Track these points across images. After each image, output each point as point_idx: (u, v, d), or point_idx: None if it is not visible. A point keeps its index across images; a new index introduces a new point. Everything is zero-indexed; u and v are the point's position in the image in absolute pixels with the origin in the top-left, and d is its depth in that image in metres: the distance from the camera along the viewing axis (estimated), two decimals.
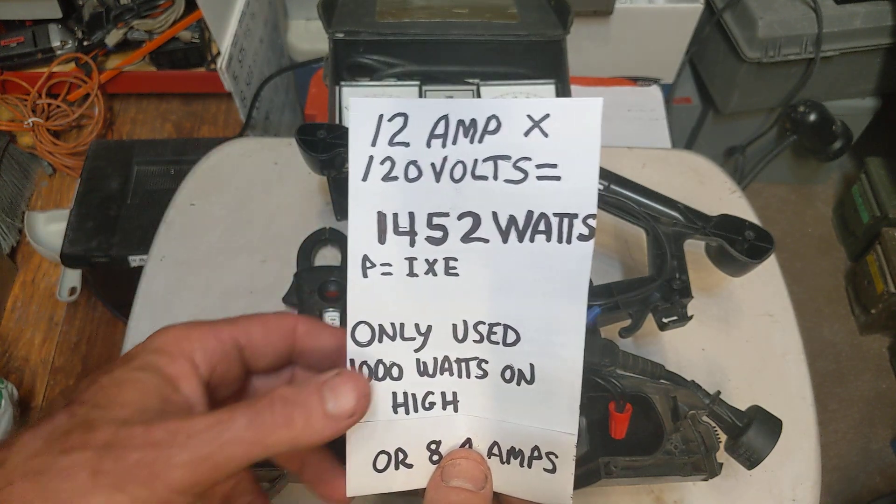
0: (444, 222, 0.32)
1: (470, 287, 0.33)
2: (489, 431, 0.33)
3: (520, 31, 0.78)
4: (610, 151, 0.86)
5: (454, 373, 0.33)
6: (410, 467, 0.33)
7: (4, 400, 0.97)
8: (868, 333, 1.64)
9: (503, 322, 0.33)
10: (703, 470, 0.54)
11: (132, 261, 1.06)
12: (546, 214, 0.32)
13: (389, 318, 0.33)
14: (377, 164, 0.32)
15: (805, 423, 0.69)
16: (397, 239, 0.32)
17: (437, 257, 0.33)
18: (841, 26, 1.39)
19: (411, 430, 0.33)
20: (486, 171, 0.32)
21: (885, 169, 1.62)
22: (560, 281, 0.32)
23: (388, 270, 0.32)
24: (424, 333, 0.33)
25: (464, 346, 0.33)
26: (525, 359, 0.33)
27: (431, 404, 0.33)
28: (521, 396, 0.33)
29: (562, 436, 0.33)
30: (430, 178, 0.32)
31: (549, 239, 0.32)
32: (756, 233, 0.65)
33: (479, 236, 0.32)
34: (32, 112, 1.21)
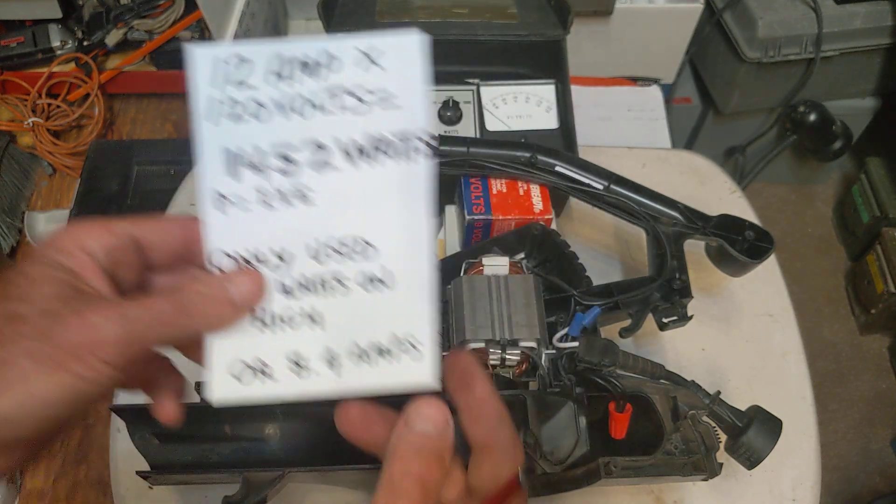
0: (292, 154, 0.35)
1: (323, 211, 0.36)
2: (353, 340, 0.36)
3: (520, 31, 0.78)
4: (610, 151, 0.86)
5: (315, 290, 0.36)
6: (274, 379, 0.36)
7: None
8: (868, 333, 1.64)
9: (358, 237, 0.36)
10: (702, 470, 0.54)
11: None
12: (387, 137, 0.35)
13: (249, 246, 0.36)
14: (221, 105, 0.35)
15: (805, 423, 0.69)
16: (248, 173, 0.35)
17: (290, 186, 0.36)
18: (841, 26, 1.40)
19: (275, 345, 0.36)
20: (327, 104, 0.35)
21: (884, 169, 1.62)
22: (406, 195, 0.36)
23: (243, 203, 0.36)
24: (283, 257, 0.36)
25: (323, 266, 0.36)
26: (381, 268, 0.36)
27: (295, 322, 0.36)
28: (381, 302, 0.36)
29: (423, 327, 0.36)
30: (275, 114, 0.35)
31: (391, 156, 0.35)
32: (756, 233, 0.65)
33: (328, 163, 0.36)
34: (32, 112, 1.21)
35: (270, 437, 0.56)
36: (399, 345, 0.36)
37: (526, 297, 0.56)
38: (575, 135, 0.75)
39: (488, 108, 0.77)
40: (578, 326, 0.57)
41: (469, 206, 0.66)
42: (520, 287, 0.57)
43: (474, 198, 0.67)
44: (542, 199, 0.68)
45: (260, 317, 0.36)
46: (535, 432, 0.48)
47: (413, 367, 0.36)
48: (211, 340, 0.35)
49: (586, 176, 0.69)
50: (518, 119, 0.76)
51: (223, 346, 0.35)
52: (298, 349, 0.36)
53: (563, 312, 0.61)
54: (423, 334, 0.36)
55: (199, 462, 0.55)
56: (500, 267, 0.60)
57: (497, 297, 0.56)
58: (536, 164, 0.69)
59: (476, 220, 0.66)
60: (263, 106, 0.35)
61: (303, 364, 0.36)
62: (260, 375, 0.36)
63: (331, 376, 0.37)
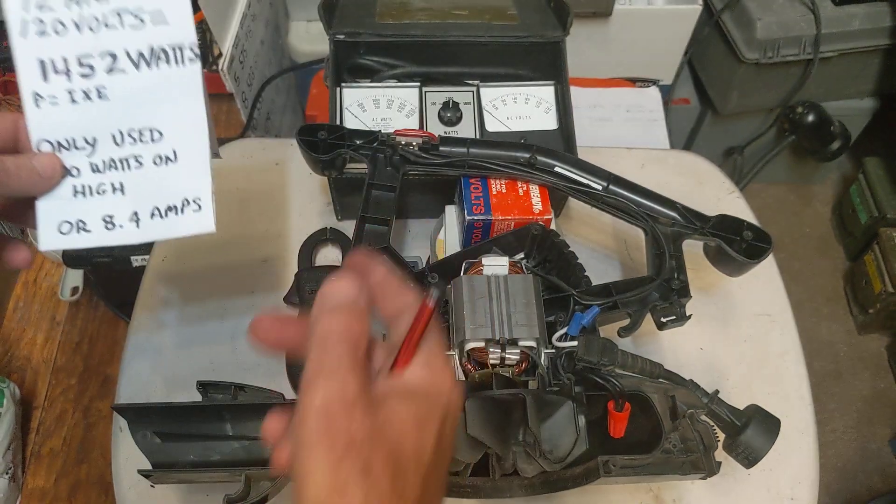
0: (90, 62, 0.46)
1: (119, 105, 0.47)
2: (151, 203, 0.47)
3: (519, 32, 0.79)
4: (609, 152, 0.86)
5: (118, 167, 0.47)
6: (90, 232, 0.47)
7: (6, 399, 0.97)
8: (866, 333, 1.64)
9: (149, 126, 0.47)
10: (701, 469, 0.54)
11: (134, 260, 1.06)
12: (164, 47, 0.46)
13: (63, 134, 0.46)
14: (31, 25, 0.45)
15: (803, 423, 0.69)
16: (57, 77, 0.46)
17: (90, 87, 0.46)
18: (839, 27, 1.40)
19: (91, 208, 0.47)
20: (115, 22, 0.46)
21: (883, 169, 1.62)
22: (184, 90, 0.47)
23: (55, 101, 0.46)
24: (92, 143, 0.47)
25: (123, 149, 0.47)
26: (169, 147, 0.47)
27: (104, 190, 0.47)
28: (171, 174, 0.47)
29: (204, 190, 0.47)
30: (73, 31, 0.46)
31: (169, 63, 0.46)
32: (754, 233, 0.66)
33: (119, 69, 0.46)
34: None
35: None
36: (187, 204, 0.47)
37: (525, 296, 0.56)
38: (574, 135, 0.75)
39: (488, 109, 0.77)
40: (577, 326, 0.57)
41: (469, 207, 0.67)
42: (519, 287, 0.57)
43: (474, 198, 0.68)
44: (541, 199, 0.68)
45: (77, 188, 0.47)
46: (534, 431, 0.49)
47: (197, 218, 0.47)
48: (37, 204, 0.46)
49: (585, 176, 0.69)
50: (518, 120, 0.77)
51: (48, 209, 0.47)
52: (109, 211, 0.47)
53: (562, 312, 0.61)
54: (205, 195, 0.47)
55: (200, 461, 0.55)
56: (500, 267, 0.60)
57: (497, 296, 0.56)
58: (536, 164, 0.69)
59: (476, 221, 0.67)
60: (64, 25, 0.46)
61: (113, 221, 0.47)
62: (78, 230, 0.47)
63: (134, 229, 0.47)
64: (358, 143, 0.68)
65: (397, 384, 0.32)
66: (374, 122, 0.75)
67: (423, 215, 0.79)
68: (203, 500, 0.62)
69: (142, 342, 0.71)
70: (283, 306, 0.73)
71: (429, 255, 0.76)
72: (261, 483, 0.51)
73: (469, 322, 0.55)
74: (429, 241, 0.78)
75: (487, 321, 0.55)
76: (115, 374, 0.76)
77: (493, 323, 0.54)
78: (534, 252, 0.66)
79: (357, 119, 0.75)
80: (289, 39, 1.36)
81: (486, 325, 0.54)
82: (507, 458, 0.50)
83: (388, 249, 0.64)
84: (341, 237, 0.77)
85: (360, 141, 0.68)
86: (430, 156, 0.69)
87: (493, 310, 0.55)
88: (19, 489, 0.97)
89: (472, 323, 0.54)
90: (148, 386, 0.68)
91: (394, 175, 0.68)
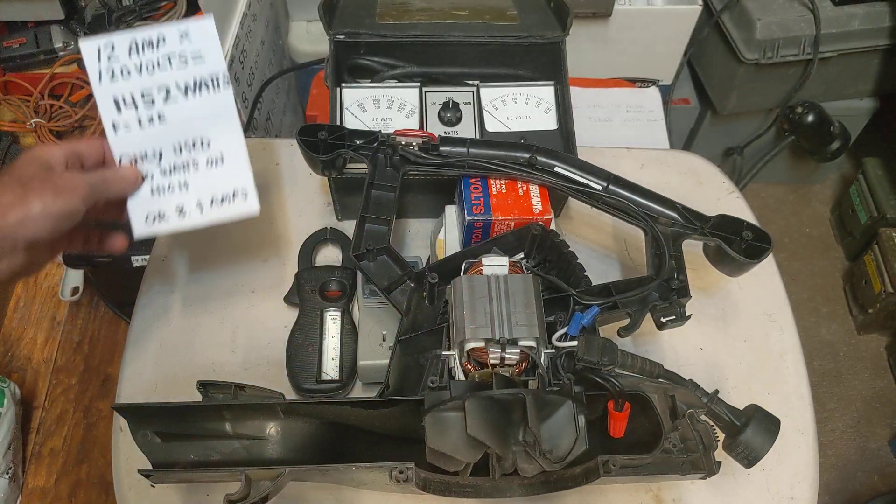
0: (151, 95, 0.61)
1: (175, 125, 0.62)
2: (210, 194, 0.62)
3: (519, 32, 0.79)
4: (609, 152, 0.86)
5: (181, 170, 0.62)
6: (167, 221, 0.62)
7: (7, 399, 0.97)
8: (866, 333, 1.64)
9: (200, 138, 0.62)
10: (701, 468, 0.54)
11: (134, 260, 1.06)
12: (203, 78, 0.62)
13: (136, 150, 0.62)
14: (105, 73, 0.61)
15: (803, 422, 0.69)
16: (127, 109, 0.61)
17: (153, 114, 0.61)
18: (839, 27, 1.40)
19: (164, 202, 0.62)
20: (166, 64, 0.61)
21: (882, 169, 1.62)
22: (222, 108, 0.62)
23: (128, 127, 0.61)
24: (159, 155, 0.62)
25: (182, 156, 0.62)
26: (217, 151, 0.62)
27: (173, 188, 0.62)
28: (221, 172, 0.62)
29: (247, 182, 0.63)
30: (136, 74, 0.61)
31: (209, 89, 0.62)
32: (754, 233, 0.66)
33: (171, 97, 0.61)
34: (35, 113, 1.22)
35: (271, 436, 0.57)
36: (236, 194, 0.63)
37: (525, 296, 0.56)
38: (574, 136, 0.75)
39: (488, 110, 0.77)
40: (577, 326, 0.57)
41: (469, 207, 0.67)
42: (519, 287, 0.57)
43: (474, 198, 0.68)
44: (541, 199, 0.68)
45: (153, 189, 0.62)
46: (534, 431, 0.49)
47: (246, 203, 0.63)
48: (129, 203, 0.61)
49: (585, 176, 0.69)
50: (517, 120, 0.77)
51: (135, 206, 0.61)
52: (179, 203, 0.62)
53: (562, 312, 0.61)
54: (249, 186, 0.63)
55: (200, 461, 0.55)
56: (500, 267, 0.60)
57: (496, 296, 0.56)
58: (536, 164, 0.69)
59: (476, 221, 0.67)
60: (129, 70, 0.61)
61: (183, 210, 0.62)
62: (159, 219, 0.62)
63: (199, 216, 0.62)
64: (358, 144, 0.68)
65: None
66: (374, 123, 0.75)
67: (423, 215, 0.80)
68: (203, 500, 0.62)
69: (142, 342, 0.71)
70: (284, 306, 0.73)
71: (429, 255, 0.76)
72: (261, 483, 0.51)
73: (469, 322, 0.55)
74: (429, 241, 0.78)
75: (487, 321, 0.55)
76: (115, 374, 0.76)
77: (492, 323, 0.55)
78: (534, 252, 0.66)
79: (357, 119, 0.75)
80: (289, 39, 1.36)
81: (486, 324, 0.54)
82: (507, 458, 0.50)
83: (388, 249, 0.64)
84: (341, 237, 0.78)
85: (360, 141, 0.69)
86: (430, 156, 0.69)
87: (493, 310, 0.55)
88: (19, 489, 0.97)
89: (472, 323, 0.55)
90: (148, 386, 0.68)
91: (394, 175, 0.68)
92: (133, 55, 0.60)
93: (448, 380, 0.54)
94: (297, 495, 0.62)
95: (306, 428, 0.57)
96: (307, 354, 0.68)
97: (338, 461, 0.51)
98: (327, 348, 0.69)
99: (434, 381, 0.53)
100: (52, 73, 1.23)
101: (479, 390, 0.51)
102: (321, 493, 0.62)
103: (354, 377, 0.68)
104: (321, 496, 0.62)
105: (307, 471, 0.52)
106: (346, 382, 0.67)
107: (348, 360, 0.68)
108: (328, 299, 0.71)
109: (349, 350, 0.69)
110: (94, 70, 0.60)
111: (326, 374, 0.68)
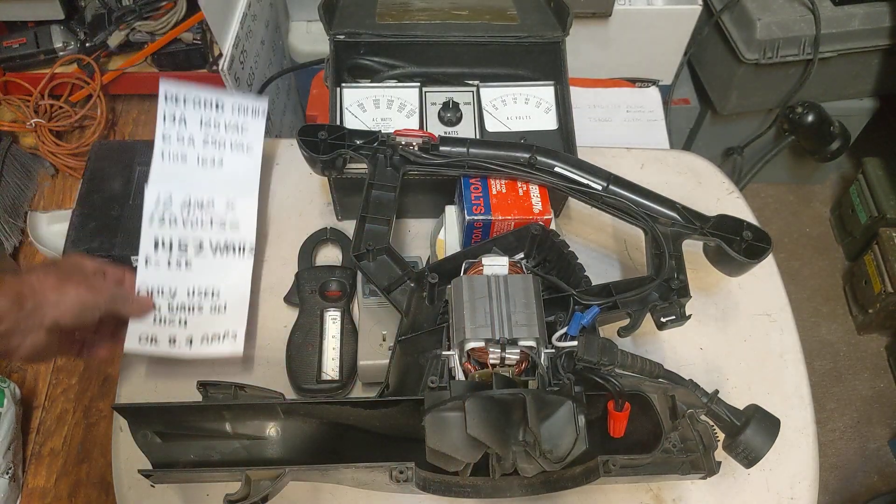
0: (186, 244, 0.70)
1: (197, 273, 0.69)
2: (203, 332, 0.67)
3: (519, 32, 0.79)
4: (609, 152, 0.86)
5: (186, 310, 0.67)
6: (158, 346, 0.66)
7: (7, 399, 0.97)
8: (865, 333, 1.64)
9: (212, 287, 0.69)
10: (701, 468, 0.54)
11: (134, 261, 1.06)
12: (233, 243, 0.71)
13: (157, 285, 0.67)
14: (156, 217, 0.69)
15: (803, 422, 0.69)
16: (163, 250, 0.69)
17: (182, 259, 0.69)
18: (839, 27, 1.40)
19: (161, 331, 0.66)
20: (208, 225, 0.71)
21: (882, 169, 1.62)
22: (239, 270, 0.71)
23: (158, 264, 0.68)
24: (173, 293, 0.68)
25: (192, 299, 0.68)
26: (223, 301, 0.69)
27: (173, 322, 0.67)
28: (220, 318, 0.69)
29: (240, 329, 0.68)
30: (181, 225, 0.70)
31: (234, 253, 0.71)
32: (754, 233, 0.66)
33: (201, 250, 0.70)
34: (35, 113, 1.22)
35: (271, 436, 0.57)
36: (226, 335, 0.67)
37: (525, 296, 0.56)
38: (574, 136, 0.75)
39: (488, 110, 0.77)
40: (577, 326, 0.57)
41: (469, 207, 0.67)
42: (519, 287, 0.57)
43: (474, 198, 0.68)
44: (541, 199, 0.68)
45: (157, 318, 0.66)
46: (534, 431, 0.49)
47: (232, 344, 0.67)
48: (131, 323, 0.65)
49: (585, 176, 0.69)
50: (517, 120, 0.77)
51: (136, 327, 0.66)
52: (173, 335, 0.66)
53: (562, 312, 0.61)
54: (240, 332, 0.68)
55: (200, 461, 0.55)
56: (500, 267, 0.60)
57: (496, 296, 0.56)
58: (536, 164, 0.69)
59: (476, 221, 0.67)
60: (176, 221, 0.70)
61: (174, 341, 0.66)
62: (152, 343, 0.66)
63: (187, 349, 0.66)
64: (358, 144, 0.68)
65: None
66: (374, 123, 0.75)
67: (423, 215, 0.80)
68: (203, 499, 0.62)
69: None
70: (284, 306, 0.73)
71: (429, 255, 0.76)
72: (261, 483, 0.51)
73: (469, 322, 0.55)
74: (429, 241, 0.78)
75: (487, 321, 0.55)
76: (115, 374, 0.76)
77: (492, 323, 0.55)
78: (534, 252, 0.66)
79: (357, 119, 0.75)
80: (289, 40, 1.36)
81: (486, 324, 0.54)
82: (507, 458, 0.50)
83: (388, 249, 0.64)
84: (341, 237, 0.78)
85: (360, 141, 0.69)
86: (430, 156, 0.69)
87: (493, 310, 0.55)
88: (20, 489, 0.97)
89: (471, 323, 0.55)
90: (148, 386, 0.68)
91: (394, 175, 0.68)
92: (185, 211, 0.70)
93: (448, 380, 0.54)
94: (297, 495, 0.62)
95: (306, 428, 0.57)
96: (307, 354, 0.68)
97: (338, 461, 0.51)
98: (327, 348, 0.69)
99: (434, 381, 0.53)
100: (52, 73, 1.23)
101: (478, 390, 0.51)
102: (321, 493, 0.62)
103: (354, 377, 0.68)
104: (321, 496, 0.62)
105: (307, 471, 0.52)
106: (346, 382, 0.67)
107: (348, 360, 0.68)
108: (328, 299, 0.71)
109: (349, 350, 0.69)
110: (149, 211, 0.69)
111: (326, 374, 0.68)
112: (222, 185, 0.72)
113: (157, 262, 0.68)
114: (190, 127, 0.72)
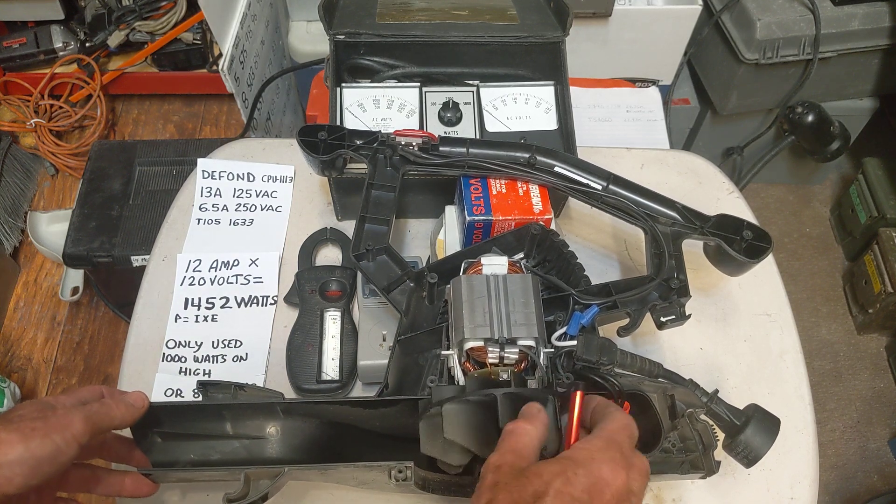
0: (213, 301, 0.73)
1: (222, 325, 0.72)
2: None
3: (519, 32, 0.79)
4: (609, 152, 0.86)
5: (210, 361, 0.70)
6: (182, 397, 0.67)
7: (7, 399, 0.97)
8: (865, 333, 1.64)
9: (236, 338, 0.72)
10: (700, 468, 0.54)
11: (134, 260, 1.06)
12: (257, 296, 0.74)
13: (183, 338, 0.71)
14: (187, 279, 0.73)
15: (803, 422, 0.69)
16: (192, 307, 0.72)
17: (209, 314, 0.72)
18: (839, 27, 1.40)
19: (186, 383, 0.68)
20: (234, 281, 0.74)
21: (882, 169, 1.62)
22: (262, 319, 0.72)
23: (186, 320, 0.72)
24: (198, 345, 0.70)
25: (216, 350, 0.70)
26: (244, 350, 0.71)
27: (198, 373, 0.69)
28: (242, 365, 0.70)
29: (258, 374, 0.70)
30: (209, 285, 0.74)
31: (258, 305, 0.73)
32: (754, 233, 0.66)
33: (227, 305, 0.73)
34: (35, 113, 1.22)
35: (271, 436, 0.57)
36: (248, 383, 0.60)
37: (524, 296, 0.56)
38: (574, 136, 0.75)
39: (488, 110, 0.77)
40: (577, 325, 0.57)
41: (469, 208, 0.67)
42: (518, 286, 0.57)
43: (474, 199, 0.68)
44: (541, 199, 0.68)
45: (182, 370, 0.69)
46: None
47: None
48: (158, 376, 0.68)
49: (585, 176, 0.69)
50: (517, 120, 0.77)
51: (162, 379, 0.68)
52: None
53: (561, 311, 0.61)
54: (258, 381, 0.68)
55: (200, 460, 0.55)
56: (499, 266, 0.60)
57: (496, 296, 0.56)
58: (536, 164, 0.69)
59: (477, 222, 0.67)
60: (204, 281, 0.73)
61: (197, 394, 0.58)
62: (177, 395, 0.67)
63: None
64: (358, 144, 0.68)
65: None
66: (374, 123, 0.75)
67: (423, 215, 0.80)
68: (203, 499, 0.62)
69: (142, 342, 0.71)
70: (283, 306, 0.73)
71: (429, 255, 0.76)
72: (260, 482, 0.51)
73: (468, 321, 0.55)
74: (429, 241, 0.78)
75: (486, 321, 0.55)
76: (115, 374, 0.77)
77: (491, 322, 0.55)
78: (533, 252, 0.66)
79: (357, 119, 0.75)
80: (289, 40, 1.36)
81: (485, 324, 0.54)
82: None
83: (387, 249, 0.64)
84: (341, 237, 0.78)
85: (360, 141, 0.69)
86: (430, 156, 0.69)
87: (492, 309, 0.55)
88: None
89: (470, 322, 0.55)
90: (148, 386, 0.68)
91: (394, 175, 0.68)
92: (212, 272, 0.74)
93: (447, 379, 0.54)
94: (297, 495, 0.62)
95: (306, 428, 0.57)
96: (307, 354, 0.68)
97: (338, 461, 0.51)
98: (327, 348, 0.69)
99: (433, 380, 0.53)
100: (52, 73, 1.23)
101: (459, 394, 0.51)
102: (321, 493, 0.62)
103: (354, 377, 0.68)
104: (321, 496, 0.62)
105: (307, 470, 0.52)
106: (345, 382, 0.68)
107: (348, 360, 0.68)
108: (328, 299, 0.72)
109: (349, 350, 0.69)
110: (181, 275, 0.73)
111: (326, 374, 0.68)
112: (249, 243, 0.76)
113: (186, 318, 0.71)
114: (224, 197, 0.78)
